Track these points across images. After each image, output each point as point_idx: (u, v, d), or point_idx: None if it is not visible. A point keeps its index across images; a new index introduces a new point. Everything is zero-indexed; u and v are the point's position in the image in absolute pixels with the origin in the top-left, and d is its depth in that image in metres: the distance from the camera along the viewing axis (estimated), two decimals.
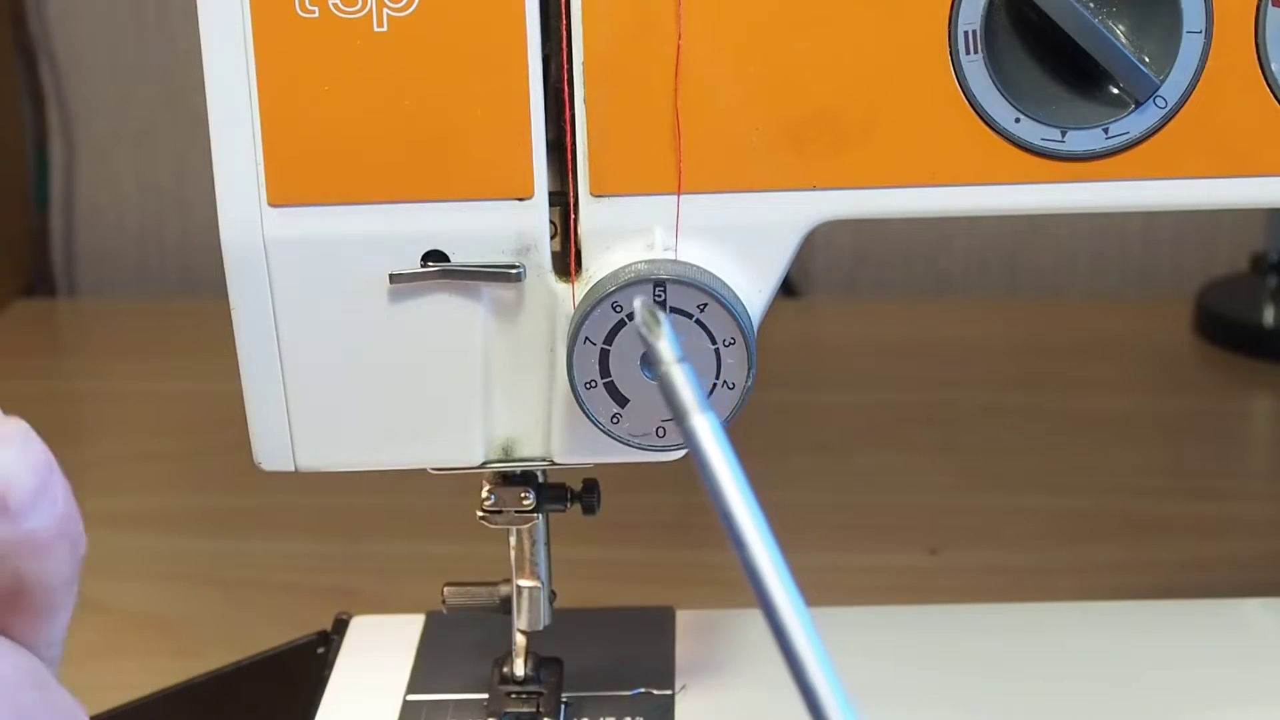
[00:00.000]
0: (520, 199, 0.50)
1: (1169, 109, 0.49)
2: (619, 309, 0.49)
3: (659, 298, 0.49)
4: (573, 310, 0.51)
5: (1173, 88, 0.49)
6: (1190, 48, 0.49)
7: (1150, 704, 0.61)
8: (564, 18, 0.49)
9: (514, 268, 0.51)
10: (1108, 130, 0.49)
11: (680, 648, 0.64)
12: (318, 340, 0.52)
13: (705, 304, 0.49)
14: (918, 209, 0.51)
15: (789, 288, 1.23)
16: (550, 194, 0.50)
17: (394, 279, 0.51)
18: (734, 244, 0.51)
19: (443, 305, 0.51)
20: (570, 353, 0.50)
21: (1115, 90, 0.49)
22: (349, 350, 0.52)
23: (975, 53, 0.49)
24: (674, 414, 0.39)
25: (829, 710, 0.36)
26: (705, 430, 0.38)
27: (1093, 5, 0.48)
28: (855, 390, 1.05)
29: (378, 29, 0.48)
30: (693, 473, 0.39)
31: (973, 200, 0.51)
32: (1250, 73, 0.49)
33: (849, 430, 0.99)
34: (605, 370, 0.50)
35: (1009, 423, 0.99)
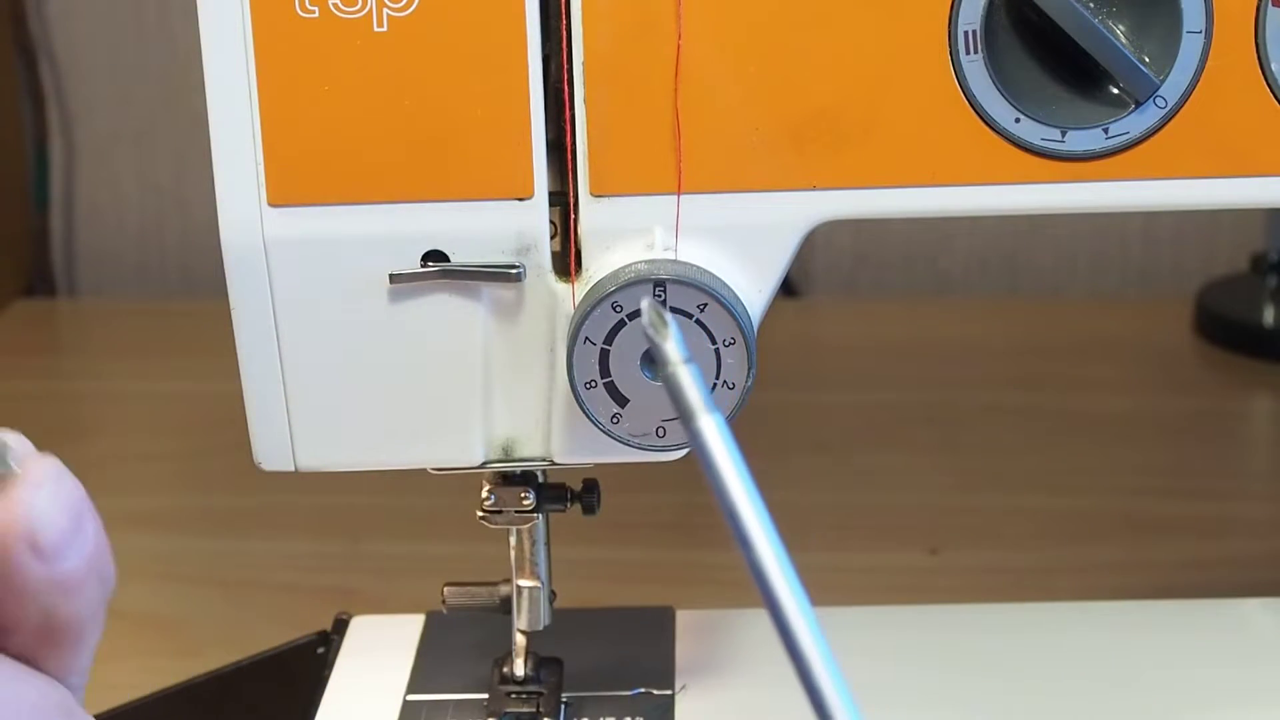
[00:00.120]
0: (520, 199, 0.50)
1: (1169, 109, 0.49)
2: (619, 309, 0.49)
3: (659, 298, 0.49)
4: (573, 310, 0.51)
5: (1173, 88, 0.49)
6: (1190, 48, 0.49)
7: (1150, 704, 0.61)
8: (564, 18, 0.49)
9: (514, 268, 0.51)
10: (1108, 130, 0.49)
11: (680, 648, 0.64)
12: (318, 340, 0.52)
13: (705, 304, 0.49)
14: (918, 209, 0.51)
15: (789, 288, 1.23)
16: (550, 194, 0.50)
17: (394, 279, 0.51)
18: (734, 244, 0.51)
19: (443, 305, 0.51)
20: (570, 353, 0.50)
21: (1115, 90, 0.49)
22: (349, 350, 0.52)
23: (975, 53, 0.49)
24: (680, 415, 0.39)
25: (834, 711, 0.36)
26: (712, 431, 0.38)
27: (1093, 5, 0.48)
28: (855, 390, 1.05)
29: (378, 29, 0.48)
30: (693, 472, 0.39)
31: (973, 200, 0.51)
32: (1250, 73, 0.49)
33: (849, 430, 0.99)
34: (605, 370, 0.50)
35: (1009, 423, 0.99)
